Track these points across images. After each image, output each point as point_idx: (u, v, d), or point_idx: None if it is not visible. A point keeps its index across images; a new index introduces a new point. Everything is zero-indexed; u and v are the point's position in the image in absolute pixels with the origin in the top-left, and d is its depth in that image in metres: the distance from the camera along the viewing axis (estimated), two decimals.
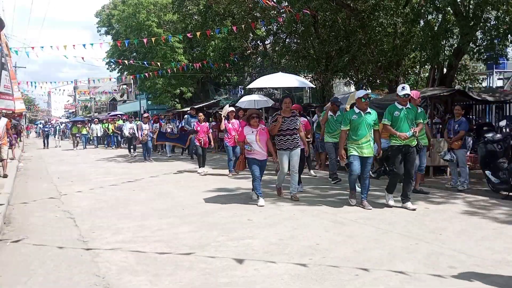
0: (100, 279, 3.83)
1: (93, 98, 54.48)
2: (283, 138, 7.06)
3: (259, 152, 6.86)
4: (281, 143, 7.08)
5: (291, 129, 7.07)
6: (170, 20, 24.27)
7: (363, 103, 6.55)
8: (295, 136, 7.10)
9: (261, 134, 6.89)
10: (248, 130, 6.90)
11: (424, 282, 3.59)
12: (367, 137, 6.45)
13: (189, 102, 28.17)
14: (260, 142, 6.85)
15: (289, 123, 7.06)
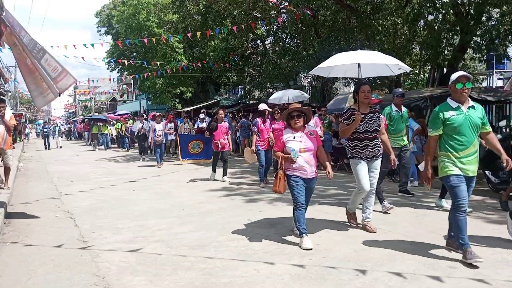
0: (100, 279, 3.83)
1: (93, 98, 54.49)
2: (359, 143, 5.07)
3: (305, 168, 4.69)
4: (357, 150, 5.09)
5: (370, 130, 5.07)
6: (170, 20, 24.25)
7: (461, 91, 4.05)
8: (377, 141, 5.13)
9: (308, 141, 4.78)
10: (289, 135, 4.78)
11: (424, 282, 3.59)
12: (475, 146, 4.13)
13: (189, 102, 28.19)
14: (307, 153, 4.72)
15: (368, 122, 5.08)
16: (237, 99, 24.72)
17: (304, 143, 4.75)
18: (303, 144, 4.74)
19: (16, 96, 46.61)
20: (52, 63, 5.88)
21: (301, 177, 4.71)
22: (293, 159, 4.63)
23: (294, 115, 4.79)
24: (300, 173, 4.71)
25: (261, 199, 7.50)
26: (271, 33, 20.15)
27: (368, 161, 5.12)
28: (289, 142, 4.75)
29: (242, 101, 22.97)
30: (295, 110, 4.83)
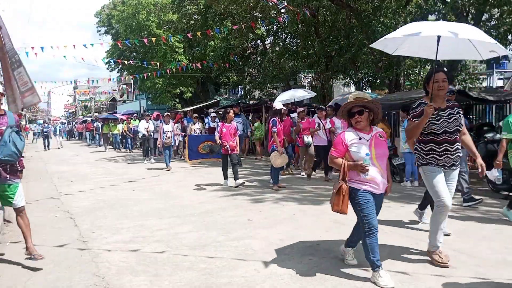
0: (100, 279, 3.83)
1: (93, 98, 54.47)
2: (437, 147, 4.00)
3: (376, 180, 3.66)
4: (433, 156, 4.02)
5: (450, 131, 4.00)
6: (170, 20, 24.24)
7: None
8: (458, 145, 4.06)
9: (379, 144, 3.72)
10: (353, 137, 3.71)
11: (424, 282, 3.59)
12: None
13: (189, 102, 28.19)
14: (378, 160, 3.69)
15: (446, 120, 4.01)
16: (237, 99, 24.68)
17: (375, 147, 3.66)
18: (374, 148, 3.66)
19: None
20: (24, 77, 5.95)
21: (372, 191, 3.65)
22: (365, 167, 3.54)
23: (354, 112, 3.69)
24: (371, 186, 3.64)
25: (261, 199, 7.50)
26: (271, 33, 20.13)
27: (445, 171, 4.01)
28: (354, 146, 3.64)
29: (242, 101, 22.96)
30: (356, 104, 3.69)
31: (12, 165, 4.18)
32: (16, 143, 4.07)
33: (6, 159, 4.05)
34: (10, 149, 4.03)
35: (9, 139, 4.04)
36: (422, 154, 4.10)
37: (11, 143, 4.04)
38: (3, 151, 4.01)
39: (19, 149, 4.12)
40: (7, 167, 4.15)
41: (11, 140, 4.04)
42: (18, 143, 4.10)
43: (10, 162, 4.10)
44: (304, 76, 21.85)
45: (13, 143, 4.05)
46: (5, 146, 4.02)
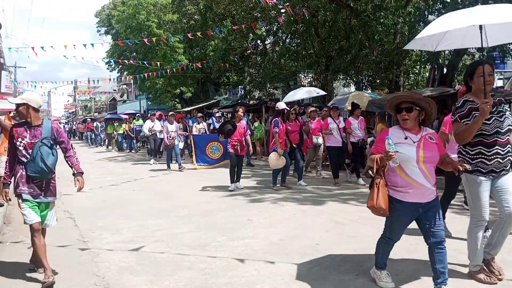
0: (100, 279, 3.83)
1: (93, 98, 54.51)
2: (486, 151, 3.49)
3: (423, 188, 3.23)
4: (481, 160, 3.51)
5: (502, 131, 3.50)
6: (170, 20, 24.25)
7: None
8: (509, 147, 3.55)
9: (429, 147, 3.25)
10: (397, 135, 3.26)
11: (424, 282, 3.59)
12: None
13: (189, 102, 28.19)
14: (426, 164, 3.23)
15: (498, 119, 3.50)
16: (237, 99, 24.69)
17: (424, 151, 3.20)
18: (423, 150, 3.20)
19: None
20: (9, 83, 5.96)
21: (416, 202, 3.22)
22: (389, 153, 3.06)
23: (402, 108, 3.24)
24: (415, 196, 3.21)
25: (261, 199, 7.50)
26: (271, 33, 20.13)
27: (493, 178, 3.50)
28: (398, 146, 3.16)
29: (242, 101, 22.96)
30: (406, 99, 3.24)
31: (49, 181, 3.88)
32: (44, 159, 3.71)
33: (34, 175, 3.73)
34: (38, 165, 3.70)
35: (37, 154, 3.70)
36: (467, 159, 3.55)
37: (39, 159, 3.70)
38: (31, 167, 3.71)
39: (49, 165, 3.75)
40: (43, 183, 3.83)
41: (39, 155, 3.70)
42: (47, 158, 3.74)
43: (39, 178, 3.78)
44: (304, 76, 21.84)
45: (41, 158, 3.70)
46: (33, 161, 3.71)
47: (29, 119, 3.79)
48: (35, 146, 3.74)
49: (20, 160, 3.80)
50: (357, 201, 7.07)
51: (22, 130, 3.79)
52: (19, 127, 3.81)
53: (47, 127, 3.87)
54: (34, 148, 3.73)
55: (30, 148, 3.75)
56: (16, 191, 3.79)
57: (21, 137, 3.77)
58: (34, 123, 3.82)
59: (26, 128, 3.80)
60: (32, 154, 3.72)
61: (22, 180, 3.76)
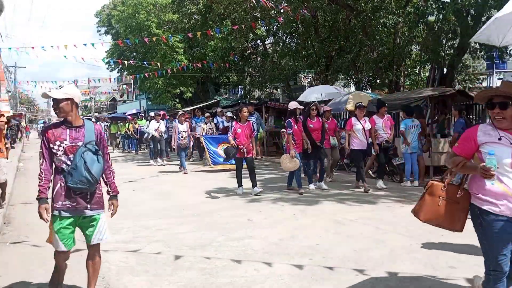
0: (100, 279, 3.82)
1: (93, 98, 54.48)
2: None
3: None
4: None
5: None
6: (170, 20, 24.27)
7: None
8: None
9: None
10: (489, 134, 2.64)
11: (424, 282, 3.59)
12: None
13: (189, 102, 28.20)
14: None
15: None
16: (237, 99, 24.70)
17: None
18: None
19: (16, 96, 46.63)
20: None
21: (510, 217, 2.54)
22: (489, 170, 2.44)
23: (495, 103, 2.61)
24: (508, 207, 2.53)
25: (261, 199, 7.50)
26: (271, 33, 20.14)
27: None
28: (489, 145, 2.58)
29: (242, 101, 22.97)
30: (500, 94, 2.62)
31: (94, 192, 3.20)
32: (89, 166, 3.06)
33: (77, 187, 3.07)
34: (81, 174, 3.04)
35: (81, 160, 3.06)
36: None
37: (83, 166, 3.05)
38: (73, 176, 3.05)
39: (94, 174, 3.08)
40: (87, 194, 3.17)
41: (82, 162, 3.06)
42: (92, 165, 3.08)
43: (83, 190, 3.11)
44: (304, 76, 21.85)
45: (85, 166, 3.05)
46: (75, 170, 3.05)
47: (70, 117, 3.14)
48: (78, 151, 3.09)
49: (58, 168, 3.16)
50: (357, 201, 7.07)
51: (60, 131, 3.13)
52: (55, 128, 3.15)
53: (91, 129, 3.23)
54: (77, 153, 3.08)
55: (71, 153, 3.11)
56: (55, 207, 3.14)
57: (59, 139, 3.10)
58: (75, 123, 3.17)
59: (65, 129, 3.15)
60: (74, 160, 3.08)
61: (61, 193, 3.12)
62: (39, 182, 3.19)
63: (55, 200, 3.15)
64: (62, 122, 3.19)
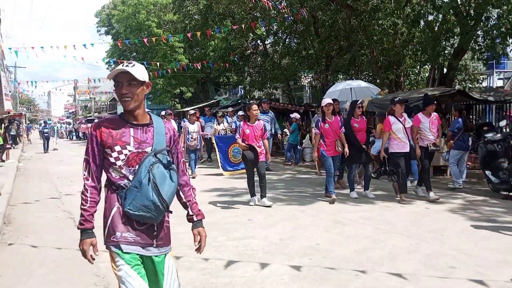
0: (100, 279, 3.83)
1: (93, 98, 54.48)
2: None
3: None
4: None
5: None
6: (170, 20, 24.28)
7: None
8: None
9: None
10: None
11: (424, 282, 3.59)
12: None
13: (189, 102, 28.20)
14: None
15: None
16: (237, 99, 24.70)
17: None
18: None
19: (16, 96, 46.63)
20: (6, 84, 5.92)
21: None
22: None
23: None
24: None
25: None
26: (271, 33, 20.15)
27: None
28: None
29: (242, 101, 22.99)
30: None
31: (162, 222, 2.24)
32: (159, 186, 2.08)
33: (139, 214, 2.08)
34: (147, 197, 2.06)
35: (147, 176, 2.08)
36: None
37: (151, 185, 2.07)
38: (135, 198, 2.07)
39: (165, 197, 2.09)
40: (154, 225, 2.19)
41: (150, 179, 2.08)
42: (163, 185, 2.10)
43: (146, 220, 2.12)
44: (304, 76, 21.85)
45: (154, 184, 2.07)
46: (138, 190, 2.08)
47: (139, 110, 2.17)
48: (143, 162, 2.11)
49: (115, 184, 2.16)
50: (357, 201, 7.07)
51: (121, 131, 2.14)
52: (113, 125, 2.16)
53: (161, 130, 2.23)
54: (142, 165, 2.10)
55: (134, 164, 2.14)
56: (112, 241, 2.11)
57: (119, 143, 2.13)
58: (142, 120, 2.20)
59: (128, 127, 2.16)
60: (137, 175, 2.09)
61: (119, 220, 2.12)
62: (82, 205, 2.14)
63: (112, 229, 2.11)
64: (121, 117, 2.20)
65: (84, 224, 2.12)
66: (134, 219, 2.13)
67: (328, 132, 6.99)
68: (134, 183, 2.11)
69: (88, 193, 2.15)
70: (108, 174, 2.19)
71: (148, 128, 2.20)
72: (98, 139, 2.15)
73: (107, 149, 2.14)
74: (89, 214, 2.13)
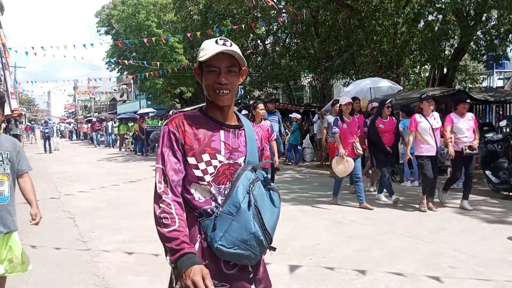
0: (100, 279, 3.83)
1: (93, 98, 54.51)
2: None
3: None
4: None
5: None
6: (170, 20, 24.29)
7: None
8: None
9: None
10: None
11: (424, 282, 3.59)
12: None
13: (189, 102, 28.22)
14: None
15: None
16: (237, 99, 24.73)
17: None
18: None
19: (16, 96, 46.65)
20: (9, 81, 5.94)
21: None
22: None
23: None
24: None
25: None
26: (271, 33, 20.17)
27: None
28: None
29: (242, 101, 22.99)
30: None
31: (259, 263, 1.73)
32: (261, 212, 1.60)
33: (235, 253, 1.55)
34: (246, 228, 1.55)
35: (247, 200, 1.57)
36: None
37: (252, 212, 1.57)
38: (227, 230, 1.55)
39: (268, 228, 1.67)
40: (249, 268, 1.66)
41: (250, 202, 1.57)
42: (265, 210, 1.64)
43: (242, 261, 1.60)
44: (304, 76, 21.86)
45: (257, 212, 1.58)
46: (235, 218, 1.55)
47: (230, 104, 1.66)
48: (240, 179, 1.59)
49: (196, 209, 1.60)
50: (357, 201, 7.06)
51: (210, 134, 1.62)
52: (195, 123, 1.62)
53: (251, 131, 1.73)
54: (238, 183, 1.58)
55: (225, 181, 1.61)
56: None
57: (208, 150, 1.60)
58: (232, 121, 1.69)
59: (217, 129, 1.64)
60: (234, 197, 1.56)
61: (203, 261, 1.54)
62: (166, 226, 1.49)
63: None
64: (204, 113, 1.65)
65: (183, 247, 1.45)
66: (226, 259, 1.56)
67: (345, 132, 6.53)
68: (228, 208, 1.53)
69: (173, 208, 1.51)
70: (187, 195, 1.59)
71: (240, 131, 1.68)
72: (181, 140, 1.57)
73: (190, 157, 1.57)
74: (184, 235, 1.48)
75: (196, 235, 1.58)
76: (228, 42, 1.60)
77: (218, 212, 1.55)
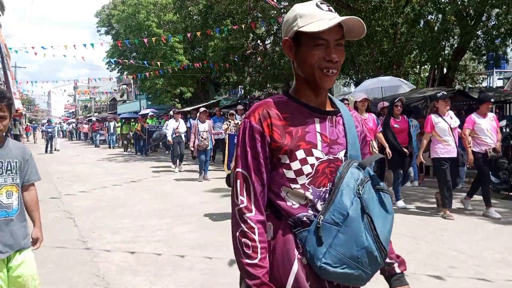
0: (100, 279, 3.83)
1: (93, 98, 54.52)
2: None
3: None
4: None
5: None
6: (170, 20, 24.30)
7: None
8: None
9: None
10: None
11: (424, 282, 3.59)
12: None
13: (189, 102, 28.23)
14: None
15: None
16: (237, 99, 24.71)
17: None
18: None
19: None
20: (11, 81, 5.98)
21: None
22: None
23: None
24: None
25: None
26: (271, 33, 20.17)
27: None
28: None
29: (242, 101, 23.01)
30: None
31: None
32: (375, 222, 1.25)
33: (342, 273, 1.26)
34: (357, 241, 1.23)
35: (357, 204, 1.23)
36: None
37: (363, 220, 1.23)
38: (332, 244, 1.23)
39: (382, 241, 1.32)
40: None
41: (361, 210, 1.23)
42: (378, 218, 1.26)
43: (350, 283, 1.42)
44: None
45: (370, 221, 1.24)
46: (341, 228, 1.22)
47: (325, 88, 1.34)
48: (344, 179, 1.26)
49: (290, 217, 1.30)
50: None
51: (304, 125, 1.30)
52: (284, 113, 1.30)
53: (350, 118, 1.40)
54: (343, 184, 1.26)
55: (325, 182, 1.30)
56: None
57: (303, 144, 1.28)
58: (327, 106, 1.38)
59: (311, 116, 1.32)
60: (339, 202, 1.24)
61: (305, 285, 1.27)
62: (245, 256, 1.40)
63: None
64: (293, 98, 1.35)
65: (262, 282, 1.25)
66: (330, 279, 1.28)
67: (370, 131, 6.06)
68: (331, 216, 1.23)
69: (256, 233, 1.29)
70: (278, 200, 1.30)
71: (337, 118, 1.36)
72: (267, 137, 1.27)
73: (282, 155, 1.27)
74: (265, 272, 1.27)
75: (292, 251, 1.26)
76: (331, 6, 1.30)
77: (319, 222, 1.22)
